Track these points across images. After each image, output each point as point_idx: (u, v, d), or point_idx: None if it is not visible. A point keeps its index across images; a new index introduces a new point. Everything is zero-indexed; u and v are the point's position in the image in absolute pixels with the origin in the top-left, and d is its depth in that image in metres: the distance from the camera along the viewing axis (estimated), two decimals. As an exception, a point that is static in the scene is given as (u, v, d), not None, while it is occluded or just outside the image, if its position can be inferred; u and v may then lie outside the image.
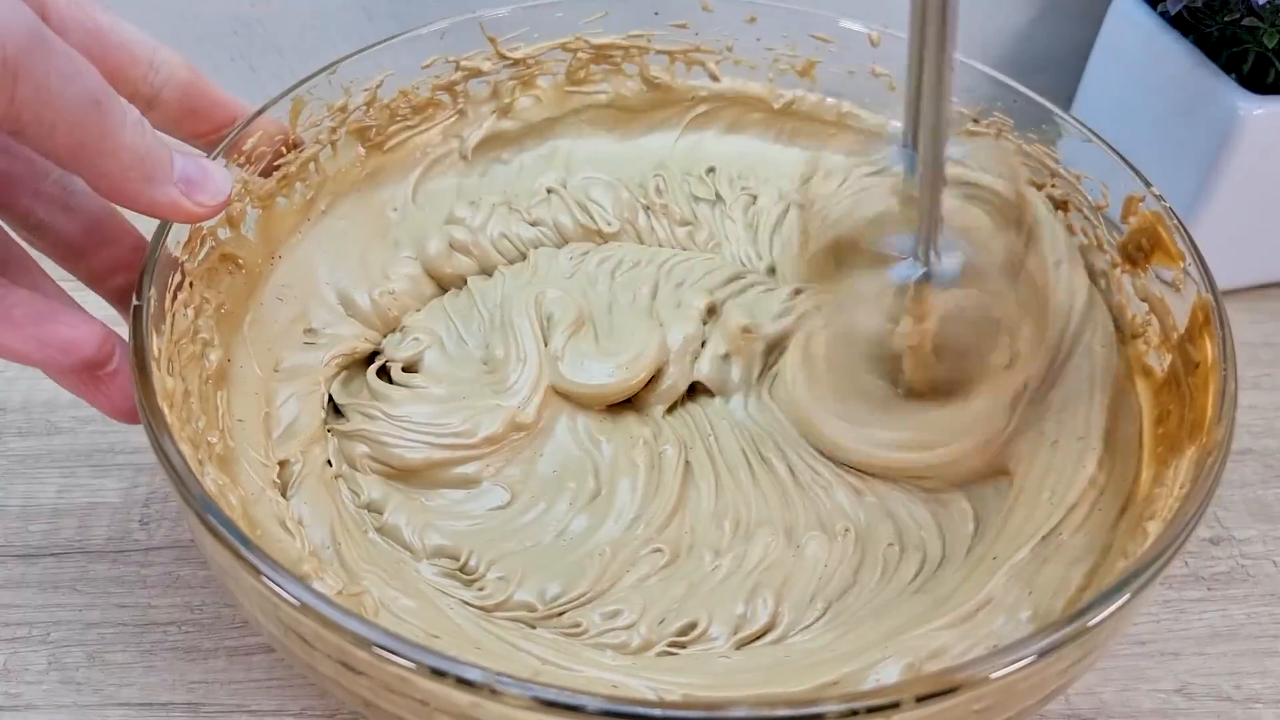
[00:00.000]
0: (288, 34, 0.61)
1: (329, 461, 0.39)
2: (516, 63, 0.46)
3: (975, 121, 0.46)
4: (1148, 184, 0.39)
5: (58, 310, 0.31)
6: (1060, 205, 0.43)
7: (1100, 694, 0.39)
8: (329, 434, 0.40)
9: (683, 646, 0.34)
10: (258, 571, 0.26)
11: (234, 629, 0.39)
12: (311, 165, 0.42)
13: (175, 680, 0.38)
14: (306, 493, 0.37)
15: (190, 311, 0.35)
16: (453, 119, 0.47)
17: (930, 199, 0.34)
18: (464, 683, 0.24)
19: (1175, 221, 0.38)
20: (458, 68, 0.45)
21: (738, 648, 0.35)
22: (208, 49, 0.61)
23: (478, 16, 0.44)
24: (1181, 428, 0.35)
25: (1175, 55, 0.51)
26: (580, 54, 0.47)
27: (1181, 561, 0.43)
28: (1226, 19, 0.49)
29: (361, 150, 0.44)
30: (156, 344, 0.32)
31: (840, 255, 0.40)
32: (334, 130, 0.42)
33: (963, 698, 0.25)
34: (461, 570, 0.37)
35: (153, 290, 0.32)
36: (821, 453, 0.41)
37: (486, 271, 0.46)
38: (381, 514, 0.38)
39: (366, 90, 0.42)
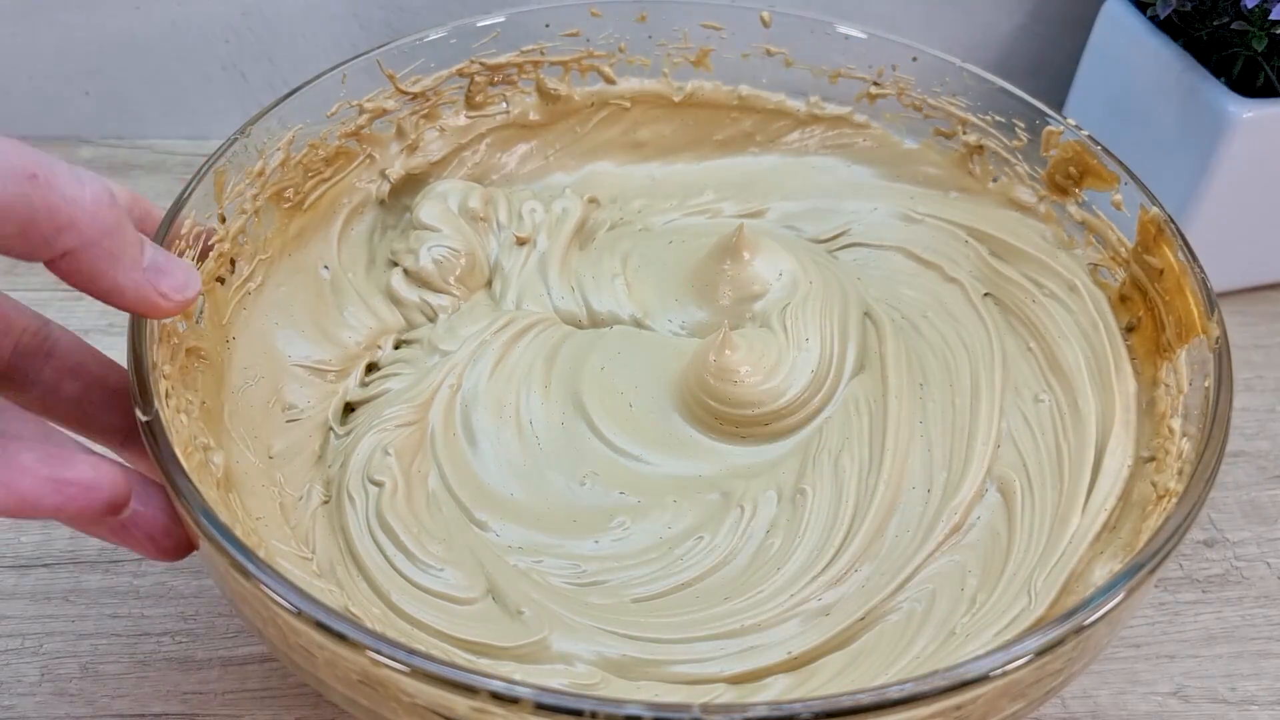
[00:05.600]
0: (279, 42, 0.61)
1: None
2: (417, 96, 0.46)
3: (876, 84, 0.47)
4: (1082, 131, 0.42)
5: (72, 452, 0.28)
6: (975, 150, 0.46)
7: (1096, 697, 0.39)
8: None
9: None
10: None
11: (227, 639, 0.39)
12: (241, 238, 0.40)
13: (169, 691, 0.38)
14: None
15: (184, 418, 0.33)
16: (364, 163, 0.46)
17: None
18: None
19: (1100, 147, 0.41)
20: (361, 110, 0.44)
21: None
22: (199, 57, 0.61)
23: (373, 55, 0.44)
24: (1163, 331, 0.38)
25: (1165, 59, 0.51)
26: (477, 77, 0.47)
27: (1176, 564, 0.43)
28: (1216, 23, 0.50)
29: (282, 212, 0.43)
30: (180, 457, 0.30)
31: None
32: (255, 198, 0.41)
33: (954, 700, 0.25)
34: None
35: (155, 402, 0.31)
36: None
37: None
38: None
39: (280, 149, 0.41)
